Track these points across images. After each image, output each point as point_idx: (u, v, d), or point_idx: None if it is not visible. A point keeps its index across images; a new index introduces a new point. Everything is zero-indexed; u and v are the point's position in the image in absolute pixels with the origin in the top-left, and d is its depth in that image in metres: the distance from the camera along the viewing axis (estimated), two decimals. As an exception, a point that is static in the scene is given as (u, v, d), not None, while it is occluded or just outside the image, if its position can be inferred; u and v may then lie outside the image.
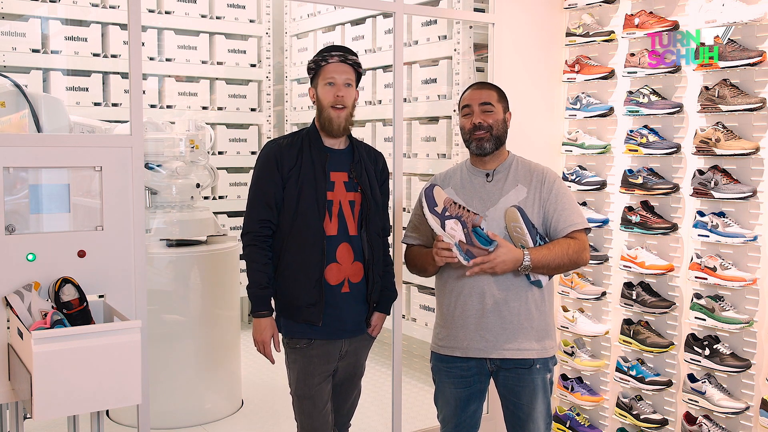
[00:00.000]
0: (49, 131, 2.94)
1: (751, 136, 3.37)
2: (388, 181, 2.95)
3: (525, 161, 2.79)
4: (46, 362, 2.23)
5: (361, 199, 2.76)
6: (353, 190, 2.76)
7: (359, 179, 2.76)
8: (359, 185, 2.76)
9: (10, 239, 2.58)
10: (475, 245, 2.50)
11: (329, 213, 2.70)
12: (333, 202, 2.71)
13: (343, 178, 2.75)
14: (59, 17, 5.16)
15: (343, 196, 2.74)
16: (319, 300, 2.67)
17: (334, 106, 2.71)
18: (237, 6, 5.91)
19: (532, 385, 2.68)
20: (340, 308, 2.73)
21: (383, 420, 3.74)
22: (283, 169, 2.70)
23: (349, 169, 2.76)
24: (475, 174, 2.76)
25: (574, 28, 4.04)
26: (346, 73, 2.73)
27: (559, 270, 2.66)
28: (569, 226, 2.65)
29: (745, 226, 3.38)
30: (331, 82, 2.71)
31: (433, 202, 2.55)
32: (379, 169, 2.88)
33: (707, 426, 3.45)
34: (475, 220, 2.52)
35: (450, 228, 2.51)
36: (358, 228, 2.75)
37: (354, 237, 2.75)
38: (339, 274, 2.72)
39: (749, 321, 3.34)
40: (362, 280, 2.77)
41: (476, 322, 2.67)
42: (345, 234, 2.73)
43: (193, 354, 4.13)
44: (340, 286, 2.73)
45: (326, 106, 2.72)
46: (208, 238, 4.28)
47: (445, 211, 2.52)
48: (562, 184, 2.74)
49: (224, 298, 4.33)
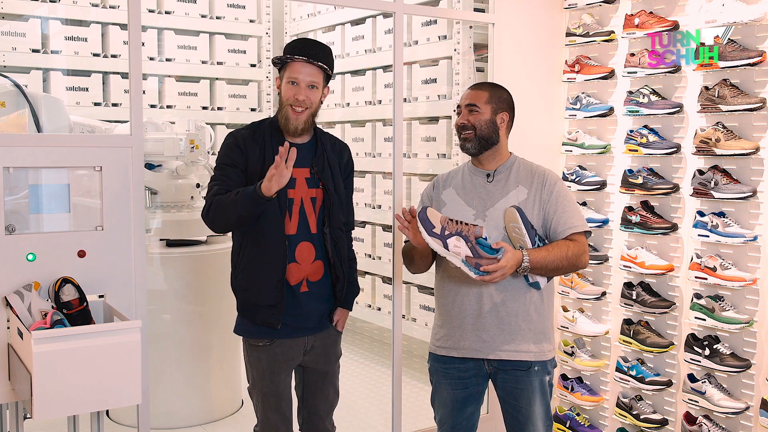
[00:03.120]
0: (49, 131, 2.94)
1: (751, 136, 3.37)
2: (352, 175, 2.88)
3: (526, 162, 2.78)
4: (46, 362, 2.23)
5: (323, 195, 2.70)
6: (315, 186, 2.69)
7: (321, 174, 2.69)
8: (321, 180, 2.69)
9: (10, 239, 2.58)
10: (483, 257, 2.46)
11: (289, 212, 2.64)
12: (294, 200, 2.65)
13: (305, 174, 2.67)
14: (59, 17, 5.16)
15: (304, 193, 2.67)
16: (280, 301, 2.63)
17: (292, 107, 2.62)
18: (237, 6, 5.90)
19: (530, 388, 2.67)
20: (300, 308, 2.68)
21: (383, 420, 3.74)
22: (247, 160, 2.62)
23: (311, 165, 2.69)
24: (476, 174, 2.76)
25: (574, 28, 4.04)
26: (312, 75, 2.62)
27: (557, 272, 2.65)
28: (569, 228, 2.64)
29: (745, 226, 3.38)
30: (294, 81, 2.62)
31: (430, 225, 2.49)
32: (343, 163, 2.81)
33: (707, 426, 3.45)
34: (477, 232, 2.47)
35: (453, 246, 2.46)
36: (319, 225, 2.69)
37: (315, 235, 2.69)
38: (298, 273, 2.67)
39: (749, 321, 3.34)
40: (322, 279, 2.72)
41: (473, 322, 2.67)
42: (306, 233, 2.67)
43: (193, 354, 4.13)
44: (299, 286, 2.68)
45: (285, 102, 2.64)
46: (208, 238, 4.28)
47: (444, 230, 2.48)
48: (563, 186, 2.73)
49: (224, 298, 4.30)
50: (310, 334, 2.74)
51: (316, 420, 2.85)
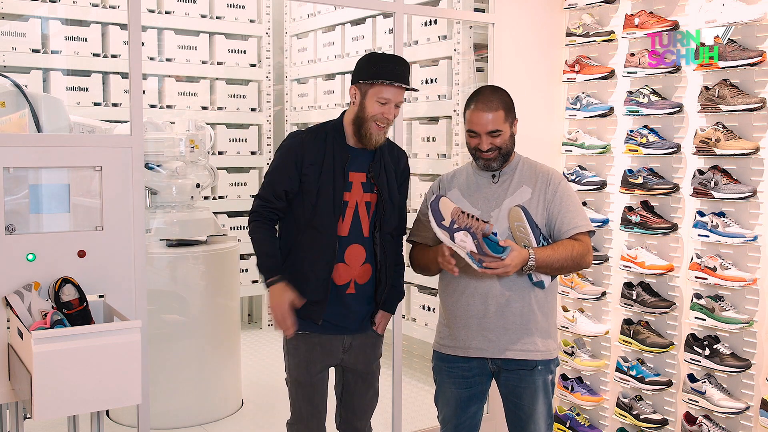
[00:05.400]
0: (49, 131, 2.94)
1: (751, 136, 3.37)
2: (408, 181, 2.92)
3: (530, 162, 2.78)
4: (46, 362, 2.23)
5: (376, 200, 2.74)
6: (370, 191, 2.73)
7: (376, 180, 2.73)
8: (376, 186, 2.73)
9: (10, 239, 2.58)
10: (488, 254, 2.46)
11: (343, 214, 2.69)
12: (348, 203, 2.70)
13: (361, 179, 2.72)
14: (59, 17, 5.16)
15: (359, 197, 2.71)
16: (323, 299, 2.67)
17: (377, 123, 2.65)
18: (237, 6, 5.90)
19: (533, 386, 2.67)
20: (344, 308, 2.72)
21: (383, 420, 3.74)
22: (302, 165, 2.67)
23: (368, 170, 2.73)
24: (480, 175, 2.75)
25: (574, 28, 4.04)
26: (401, 96, 2.67)
27: (562, 271, 2.65)
28: (573, 228, 2.64)
29: (745, 226, 3.38)
30: (385, 102, 2.64)
31: (440, 216, 2.50)
32: (400, 169, 2.84)
33: (707, 426, 3.45)
34: (485, 229, 2.46)
35: (460, 240, 2.47)
36: (371, 229, 2.73)
37: (366, 239, 2.73)
38: (346, 275, 2.71)
39: (749, 321, 3.34)
40: (369, 282, 2.75)
41: (479, 322, 2.66)
42: (358, 235, 2.71)
43: (193, 354, 4.13)
44: (346, 287, 2.71)
45: (369, 118, 2.65)
46: (208, 238, 4.28)
47: (453, 223, 2.48)
48: (567, 185, 2.72)
49: (224, 298, 4.33)
50: (348, 334, 2.76)
51: (354, 420, 2.88)
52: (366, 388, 2.87)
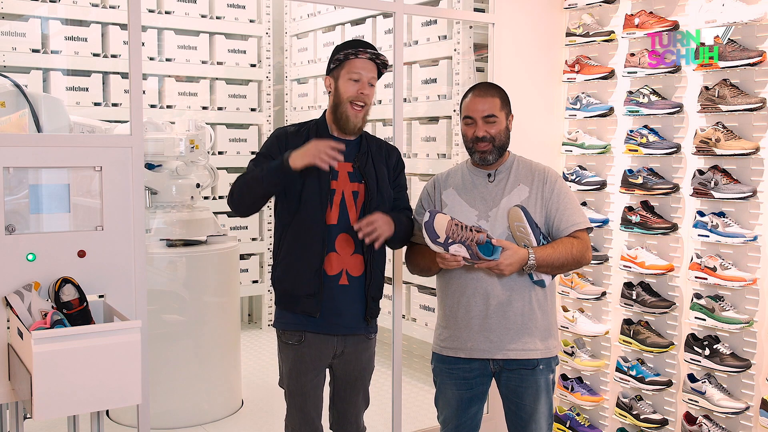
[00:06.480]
0: (49, 131, 2.94)
1: (751, 136, 3.37)
2: (403, 174, 2.92)
3: (525, 161, 2.78)
4: (46, 362, 2.23)
5: (364, 191, 2.74)
6: (357, 181, 2.73)
7: (363, 170, 2.73)
8: (363, 176, 2.73)
9: (10, 239, 2.58)
10: (481, 259, 2.49)
11: (331, 202, 2.68)
12: (335, 191, 2.70)
13: (347, 168, 2.72)
14: (59, 17, 5.16)
15: (346, 186, 2.71)
16: (318, 291, 2.66)
17: (354, 102, 2.66)
18: (237, 6, 5.90)
19: (535, 386, 2.68)
20: (338, 301, 2.70)
21: (383, 420, 3.74)
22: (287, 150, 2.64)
23: (354, 160, 2.73)
24: (476, 174, 2.76)
25: (574, 28, 4.04)
26: (372, 71, 2.69)
27: (562, 269, 2.66)
28: (572, 225, 2.65)
29: (745, 226, 3.38)
30: (357, 78, 2.66)
31: (435, 235, 2.50)
32: (392, 164, 2.85)
33: (707, 426, 3.45)
34: (480, 239, 2.48)
35: (454, 251, 2.50)
36: (359, 219, 2.71)
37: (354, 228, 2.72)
38: (337, 264, 2.70)
39: (749, 321, 3.34)
40: (362, 275, 2.74)
41: (480, 323, 2.66)
42: (345, 224, 2.70)
43: (193, 354, 4.13)
44: (338, 277, 2.70)
45: (345, 100, 2.67)
46: (208, 238, 4.28)
47: (447, 239, 2.49)
48: (563, 183, 2.73)
49: (224, 298, 4.33)
50: (341, 333, 2.75)
51: (344, 423, 2.89)
52: (354, 394, 2.88)
